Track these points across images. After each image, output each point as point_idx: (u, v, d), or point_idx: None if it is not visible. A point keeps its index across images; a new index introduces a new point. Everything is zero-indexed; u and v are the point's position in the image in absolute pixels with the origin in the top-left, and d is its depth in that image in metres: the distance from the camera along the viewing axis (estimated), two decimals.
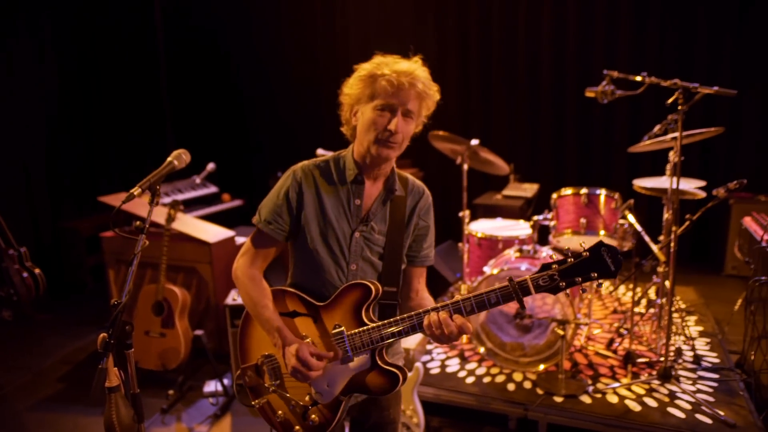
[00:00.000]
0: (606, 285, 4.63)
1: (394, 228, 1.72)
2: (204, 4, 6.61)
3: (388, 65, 1.60)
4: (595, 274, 1.39)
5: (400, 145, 1.64)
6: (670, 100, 2.91)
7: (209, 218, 4.32)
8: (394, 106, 1.58)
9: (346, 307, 1.64)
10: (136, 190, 1.48)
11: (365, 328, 1.60)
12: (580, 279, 1.40)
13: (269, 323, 1.66)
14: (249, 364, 1.75)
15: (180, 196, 4.71)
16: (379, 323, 1.59)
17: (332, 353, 1.62)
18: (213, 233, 3.77)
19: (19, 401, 3.48)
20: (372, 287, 1.63)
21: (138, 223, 1.49)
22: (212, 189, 5.07)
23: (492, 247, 3.76)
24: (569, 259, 1.41)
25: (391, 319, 1.57)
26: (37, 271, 3.70)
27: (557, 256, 1.43)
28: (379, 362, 1.63)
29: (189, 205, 4.71)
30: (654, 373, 3.19)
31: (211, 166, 4.82)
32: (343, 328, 1.61)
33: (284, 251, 1.81)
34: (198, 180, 4.98)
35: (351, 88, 1.65)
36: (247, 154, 6.77)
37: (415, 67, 1.61)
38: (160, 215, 3.54)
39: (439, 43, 5.89)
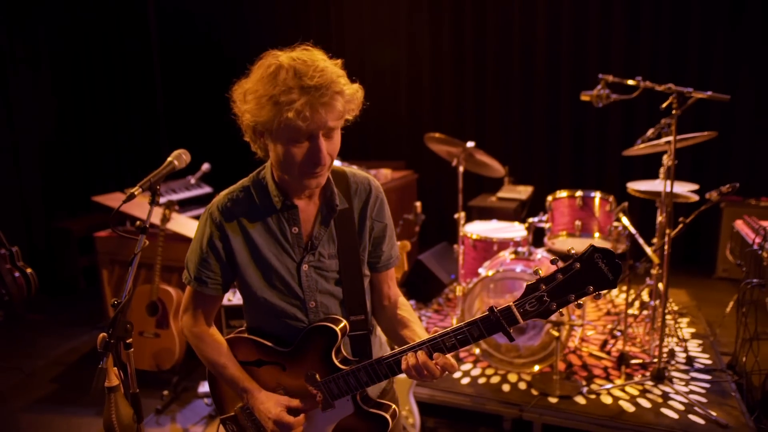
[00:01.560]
0: None
1: (346, 245, 1.48)
2: (199, 2, 6.59)
3: (291, 81, 1.24)
4: (591, 288, 1.18)
5: (330, 165, 1.39)
6: (664, 105, 2.94)
7: None
8: (313, 133, 1.29)
9: (313, 353, 1.46)
10: (136, 190, 1.46)
11: (339, 374, 1.43)
12: (573, 296, 1.20)
13: (234, 384, 1.52)
14: (228, 415, 1.61)
15: (174, 197, 4.69)
16: (354, 367, 1.42)
17: (309, 404, 1.48)
18: None
19: (11, 402, 3.45)
20: (336, 330, 1.44)
21: (138, 222, 1.48)
22: (207, 189, 5.05)
23: (487, 249, 3.77)
24: (558, 275, 1.19)
25: (367, 362, 1.41)
26: (29, 270, 3.67)
27: (546, 264, 1.30)
28: (362, 406, 1.47)
29: (183, 206, 4.69)
30: (647, 374, 3.22)
31: (206, 166, 4.80)
32: (316, 375, 1.45)
33: None
34: (193, 180, 4.96)
35: (248, 106, 1.30)
36: (242, 155, 6.74)
37: (327, 77, 1.25)
38: (155, 215, 3.53)
39: (435, 46, 5.91)
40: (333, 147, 1.35)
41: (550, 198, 3.63)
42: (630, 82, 3.05)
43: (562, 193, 3.56)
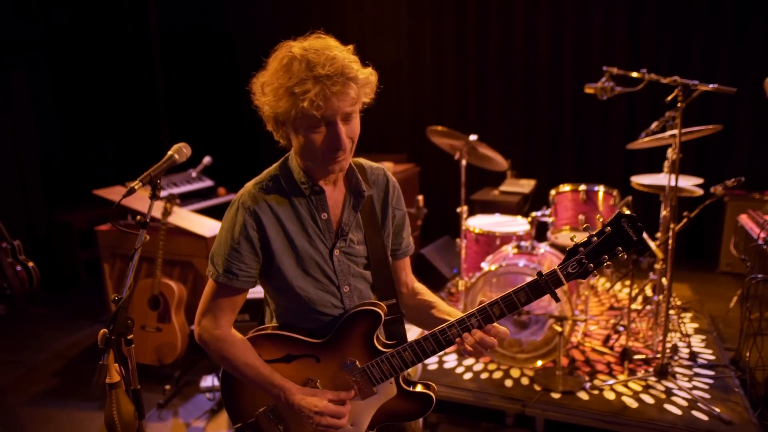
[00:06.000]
0: (602, 282, 4.65)
1: (372, 232, 1.51)
2: None
3: (304, 71, 1.26)
4: (620, 248, 1.33)
5: (353, 148, 1.41)
6: (669, 97, 2.91)
7: (205, 212, 4.29)
8: (330, 119, 1.31)
9: (354, 340, 1.46)
10: (136, 184, 1.44)
11: (383, 357, 1.45)
12: (606, 257, 1.34)
13: (266, 383, 1.46)
14: (246, 422, 1.56)
15: (176, 190, 4.67)
16: (399, 348, 1.44)
17: (351, 391, 1.48)
18: (209, 227, 3.74)
19: (13, 395, 3.45)
20: (379, 312, 1.46)
21: (139, 217, 1.46)
22: (208, 183, 5.04)
23: (489, 243, 3.75)
24: (594, 239, 1.34)
25: (413, 341, 1.43)
26: (30, 264, 3.65)
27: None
28: (405, 387, 1.50)
29: (185, 199, 4.67)
30: (650, 369, 3.20)
31: (207, 159, 4.78)
32: (356, 362, 1.46)
33: None
34: (194, 173, 4.93)
35: (266, 98, 1.34)
36: (244, 148, 6.73)
37: (338, 65, 1.27)
38: (156, 209, 3.50)
39: (436, 37, 5.87)
40: (352, 131, 1.38)
41: (553, 192, 3.60)
42: (635, 74, 3.02)
43: (566, 187, 3.54)
